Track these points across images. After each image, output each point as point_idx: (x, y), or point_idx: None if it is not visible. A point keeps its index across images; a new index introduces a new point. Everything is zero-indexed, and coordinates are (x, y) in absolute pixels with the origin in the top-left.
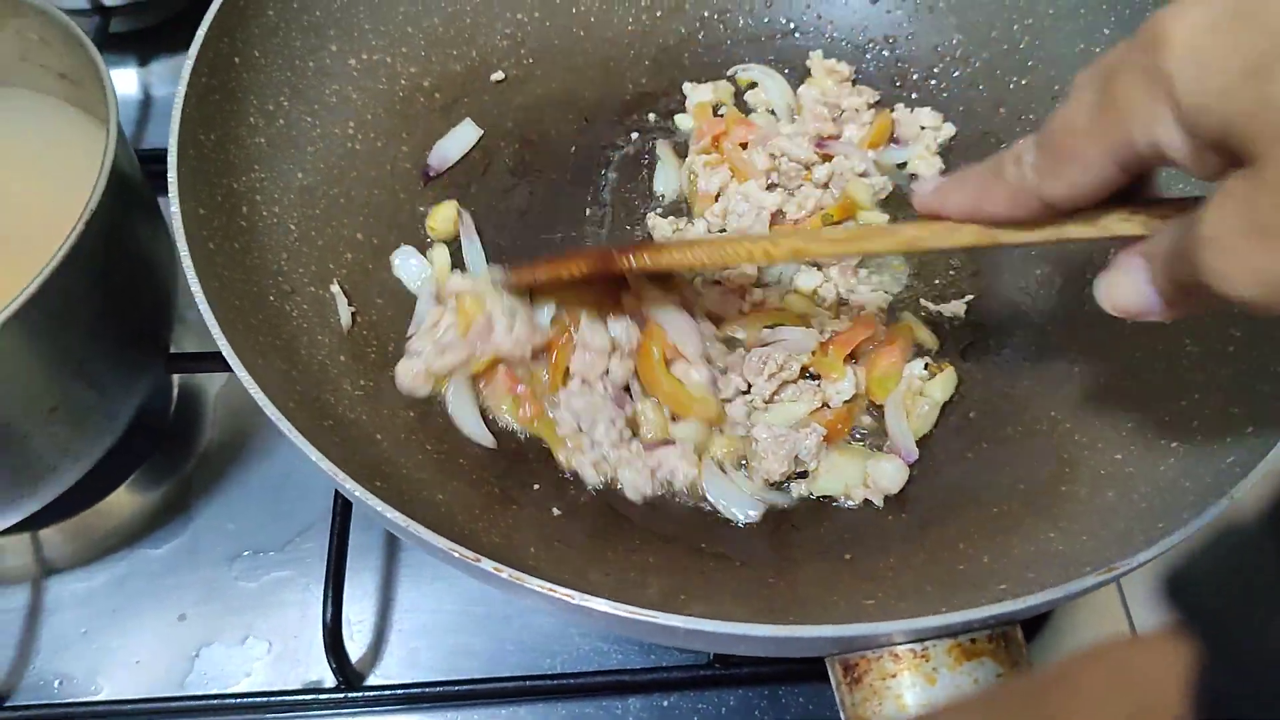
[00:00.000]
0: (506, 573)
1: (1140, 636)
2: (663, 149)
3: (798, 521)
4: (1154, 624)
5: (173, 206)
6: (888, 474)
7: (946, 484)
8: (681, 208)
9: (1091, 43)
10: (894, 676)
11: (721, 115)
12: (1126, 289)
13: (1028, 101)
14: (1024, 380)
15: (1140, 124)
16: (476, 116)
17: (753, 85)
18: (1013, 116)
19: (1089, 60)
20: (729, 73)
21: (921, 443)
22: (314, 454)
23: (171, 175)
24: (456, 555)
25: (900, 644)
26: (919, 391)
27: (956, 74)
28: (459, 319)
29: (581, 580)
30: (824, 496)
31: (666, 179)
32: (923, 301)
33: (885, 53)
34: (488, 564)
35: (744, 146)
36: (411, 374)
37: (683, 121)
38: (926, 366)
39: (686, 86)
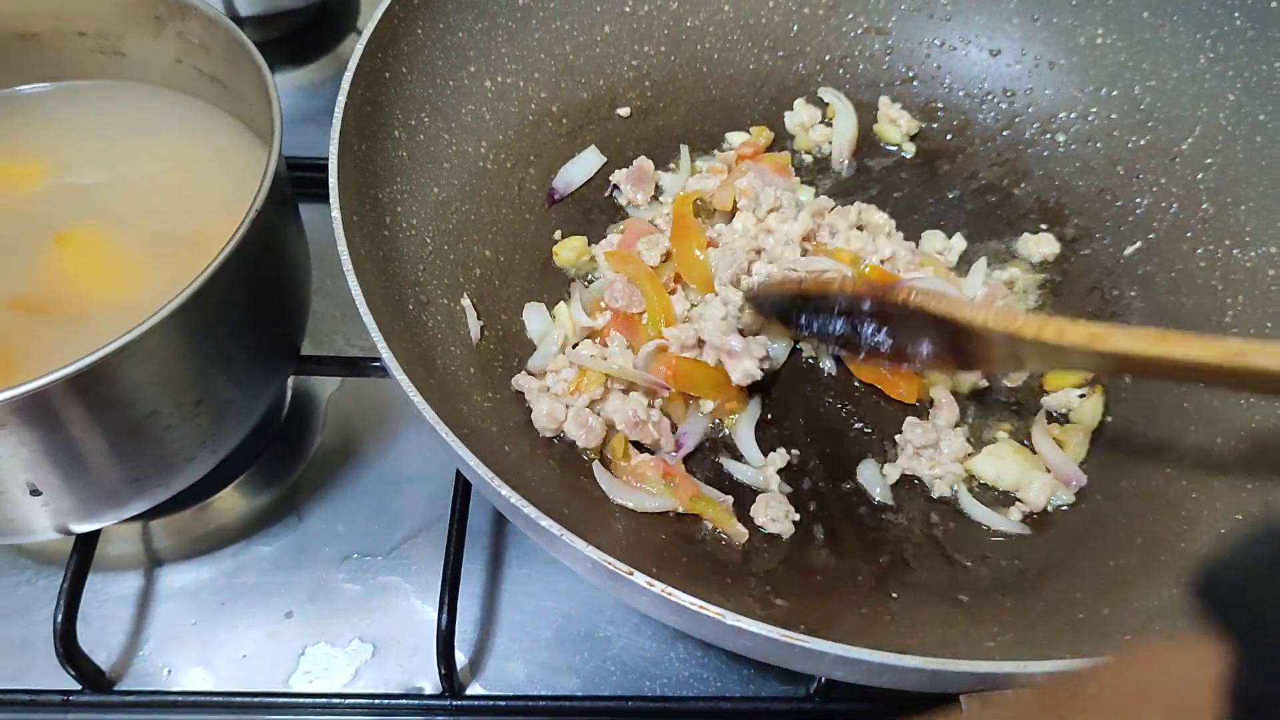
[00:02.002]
0: (659, 588)
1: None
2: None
3: (911, 560)
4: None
5: (334, 211)
6: (1038, 487)
7: (1062, 535)
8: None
9: (1216, 107)
10: None
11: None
12: None
13: (1146, 161)
14: (1138, 437)
15: None
16: (600, 144)
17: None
18: (1130, 175)
19: (1212, 123)
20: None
21: None
22: (472, 459)
23: (333, 180)
24: (609, 568)
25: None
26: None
27: (1075, 130)
28: (574, 379)
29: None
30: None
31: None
32: None
33: (1003, 105)
34: (640, 578)
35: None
36: (544, 413)
37: (733, 138)
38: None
39: (729, 135)
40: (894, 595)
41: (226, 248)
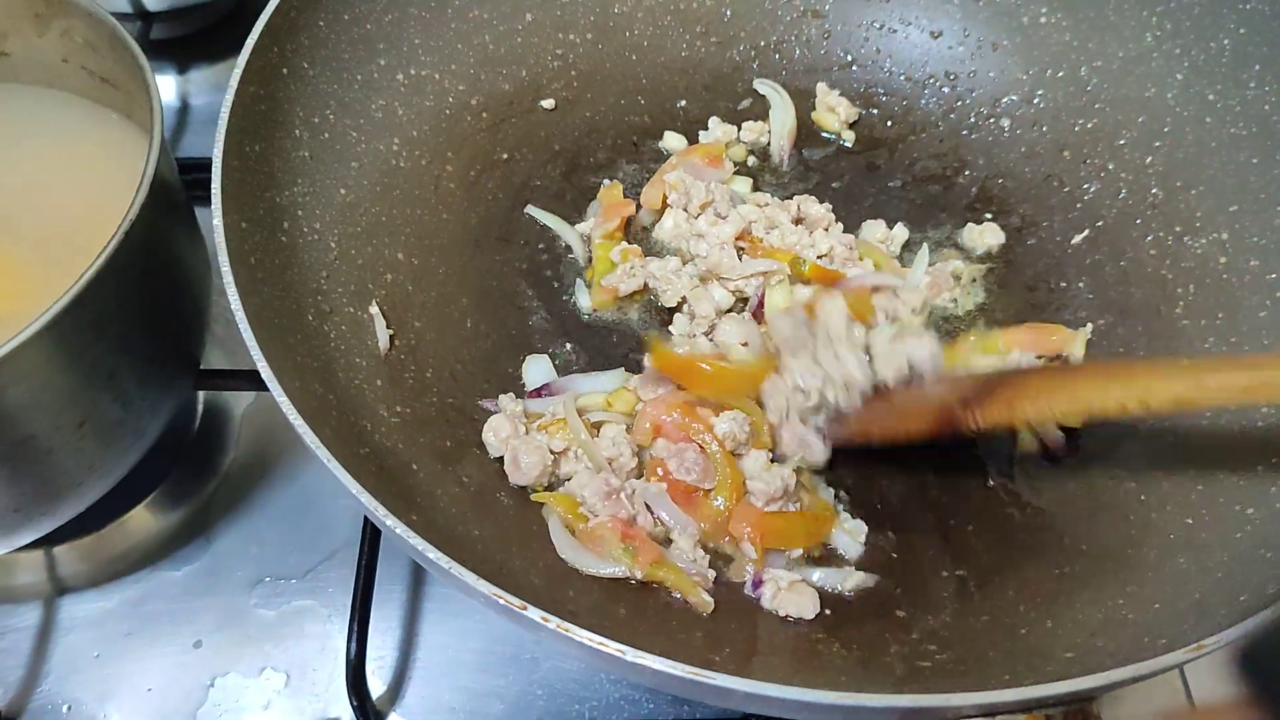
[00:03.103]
0: (554, 623)
1: (1205, 708)
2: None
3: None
4: (1211, 686)
5: (215, 218)
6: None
7: (1005, 540)
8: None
9: (1164, 87)
10: None
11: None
12: None
13: (1093, 145)
14: (1084, 438)
15: None
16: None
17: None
18: (1077, 160)
19: (1160, 104)
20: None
21: (977, 495)
22: (354, 486)
23: (216, 185)
24: (501, 602)
25: (971, 717)
26: None
27: (1019, 114)
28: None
29: (628, 632)
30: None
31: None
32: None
33: (945, 89)
34: (535, 613)
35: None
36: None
37: (671, 141)
38: None
39: (667, 135)
40: (827, 611)
41: (100, 257)
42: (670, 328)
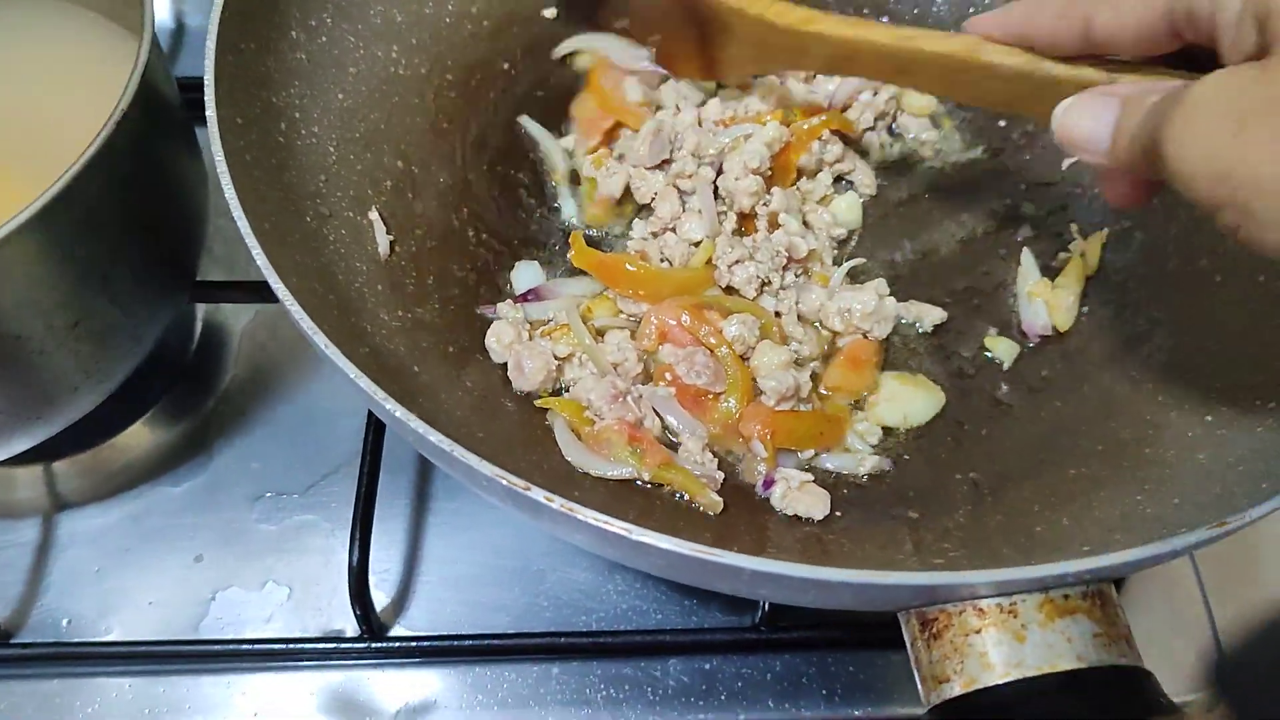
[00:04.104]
0: (558, 503)
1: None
2: None
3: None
4: (1228, 601)
5: (209, 110)
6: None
7: (1018, 444)
8: None
9: None
10: (978, 633)
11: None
12: (1086, 118)
13: None
14: (1100, 338)
15: None
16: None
17: None
18: None
19: None
20: None
21: (992, 397)
22: (353, 371)
23: (208, 77)
24: (504, 483)
25: (986, 597)
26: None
27: None
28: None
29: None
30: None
31: None
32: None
33: None
34: (538, 493)
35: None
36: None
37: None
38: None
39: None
40: (838, 514)
41: (88, 151)
42: (631, 232)
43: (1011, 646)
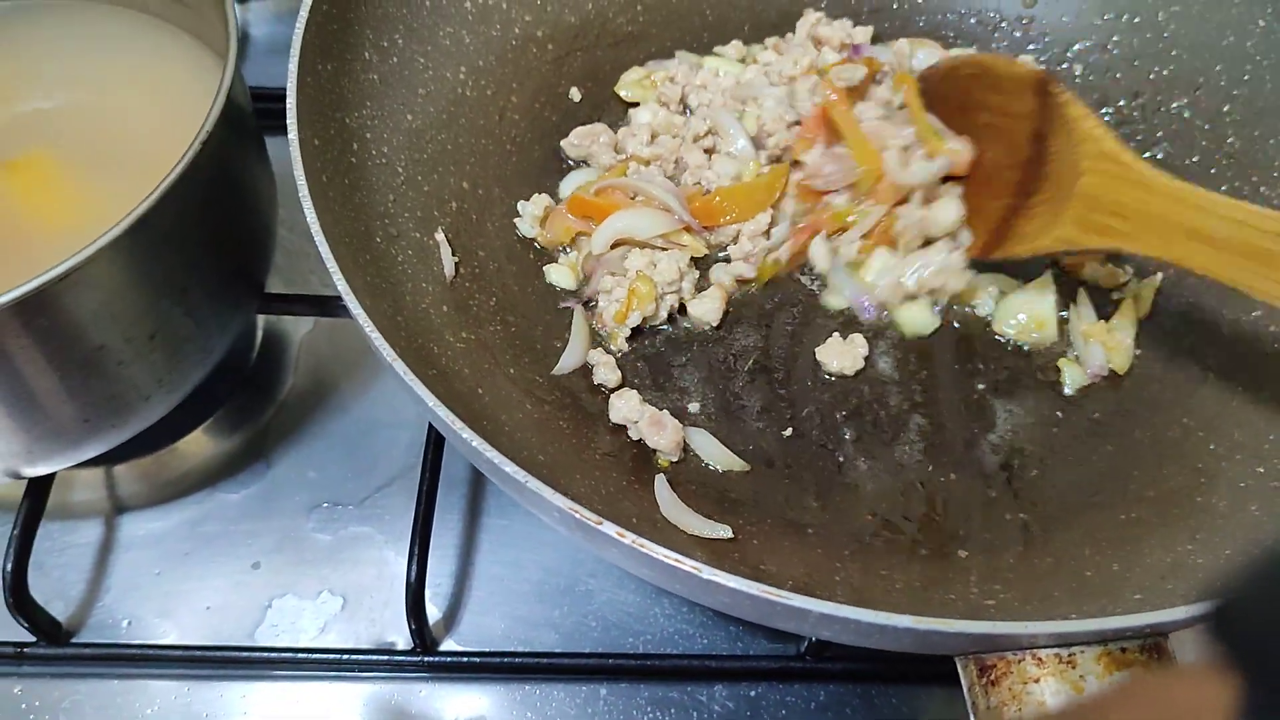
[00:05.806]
0: (630, 539)
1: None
2: None
3: (909, 512)
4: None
5: (291, 133)
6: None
7: (1069, 485)
8: None
9: (1243, 36)
10: (1036, 681)
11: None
12: None
13: (1169, 91)
14: (1152, 383)
15: None
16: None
17: None
18: (1151, 108)
19: (1238, 53)
20: None
21: (1043, 439)
22: (431, 400)
23: (291, 100)
24: (577, 517)
25: (1045, 647)
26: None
27: (1093, 60)
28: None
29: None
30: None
31: None
32: None
33: (1016, 34)
34: (610, 528)
35: None
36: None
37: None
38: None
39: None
40: (879, 541)
41: (175, 170)
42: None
43: (1069, 697)
